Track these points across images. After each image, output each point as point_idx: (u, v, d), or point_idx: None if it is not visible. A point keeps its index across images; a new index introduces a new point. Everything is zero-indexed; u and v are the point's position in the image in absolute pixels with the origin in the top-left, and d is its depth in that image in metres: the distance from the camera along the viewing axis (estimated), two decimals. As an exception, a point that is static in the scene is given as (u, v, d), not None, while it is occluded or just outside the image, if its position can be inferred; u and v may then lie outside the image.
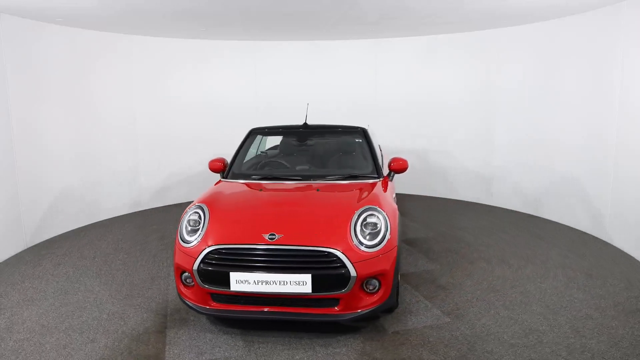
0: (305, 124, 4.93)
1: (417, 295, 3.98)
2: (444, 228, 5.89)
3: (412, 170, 7.34)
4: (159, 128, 7.08)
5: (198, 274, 3.22)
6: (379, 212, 3.39)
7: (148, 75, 6.91)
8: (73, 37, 5.93)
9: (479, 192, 7.18)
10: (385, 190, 3.98)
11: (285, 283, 3.09)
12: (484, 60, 6.83)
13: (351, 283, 3.09)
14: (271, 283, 3.10)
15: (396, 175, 4.84)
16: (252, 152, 4.97)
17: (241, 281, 3.12)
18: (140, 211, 6.95)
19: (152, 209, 7.07)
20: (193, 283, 3.33)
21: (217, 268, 3.17)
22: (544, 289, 4.08)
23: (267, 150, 5.30)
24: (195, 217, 3.50)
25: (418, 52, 7.36)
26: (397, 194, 7.44)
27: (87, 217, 6.31)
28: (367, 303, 3.22)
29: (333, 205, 3.64)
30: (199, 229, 3.39)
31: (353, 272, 3.09)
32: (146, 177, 7.07)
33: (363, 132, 4.72)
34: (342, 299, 3.16)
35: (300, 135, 4.97)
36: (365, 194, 3.77)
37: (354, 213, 3.36)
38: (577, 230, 5.70)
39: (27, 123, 5.35)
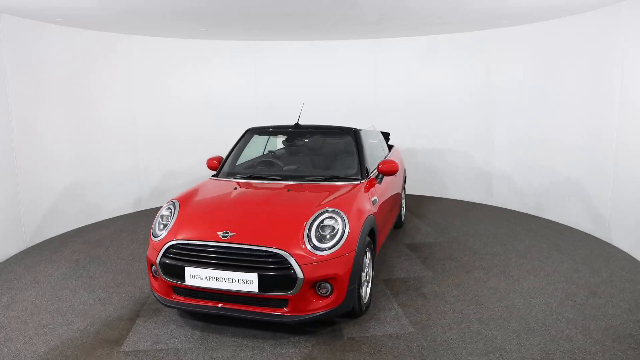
0: (297, 124, 4.90)
1: (392, 302, 3.85)
2: (455, 233, 5.68)
3: (412, 170, 7.35)
4: (159, 128, 7.08)
5: (160, 267, 3.37)
6: (339, 215, 3.34)
7: (148, 75, 6.91)
8: (73, 37, 5.93)
9: (479, 192, 7.18)
10: (366, 192, 3.92)
11: (233, 281, 3.15)
12: (484, 60, 6.83)
13: (298, 285, 3.08)
14: (221, 280, 3.18)
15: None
16: (248, 151, 4.98)
17: (194, 276, 3.23)
18: (140, 211, 6.96)
19: (153, 208, 7.07)
20: (158, 276, 3.47)
21: (175, 262, 3.30)
22: (533, 304, 3.78)
23: (276, 150, 5.30)
24: (167, 212, 3.66)
25: (418, 52, 7.35)
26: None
27: (87, 217, 6.31)
28: (318, 306, 3.18)
29: (295, 206, 3.58)
30: (168, 224, 3.53)
31: (300, 274, 3.07)
32: (146, 177, 7.07)
33: (354, 134, 4.57)
34: (291, 301, 3.15)
35: (291, 136, 4.99)
36: (335, 196, 3.69)
37: (312, 215, 3.34)
38: (599, 240, 5.31)
39: (27, 123, 5.35)
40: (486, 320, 3.55)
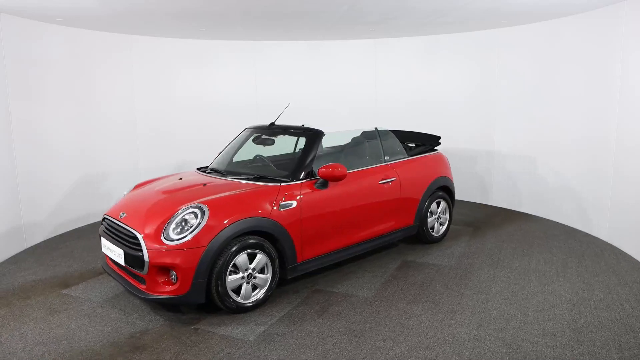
0: (272, 124, 4.89)
1: (282, 310, 3.72)
2: (480, 260, 4.76)
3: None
4: (159, 128, 7.08)
5: (99, 235, 4.10)
6: (202, 211, 3.57)
7: (148, 75, 6.91)
8: (73, 37, 5.93)
9: (479, 192, 7.18)
10: (276, 194, 3.89)
11: (114, 253, 3.80)
12: (484, 60, 6.83)
13: (146, 266, 3.48)
14: (109, 250, 3.87)
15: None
16: (245, 149, 5.00)
17: (103, 245, 4.00)
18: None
19: (152, 208, 7.10)
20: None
21: (100, 232, 4.10)
22: (415, 358, 3.04)
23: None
24: (126, 193, 4.42)
25: (418, 52, 7.35)
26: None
27: (88, 217, 6.31)
28: (164, 291, 3.53)
29: (183, 199, 3.82)
30: None
31: (146, 257, 3.47)
32: (146, 176, 7.06)
33: (312, 136, 4.41)
34: (146, 279, 3.55)
35: (267, 135, 5.02)
36: (226, 194, 3.84)
37: (180, 207, 3.64)
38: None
39: (27, 123, 5.35)
40: (335, 356, 3.08)
